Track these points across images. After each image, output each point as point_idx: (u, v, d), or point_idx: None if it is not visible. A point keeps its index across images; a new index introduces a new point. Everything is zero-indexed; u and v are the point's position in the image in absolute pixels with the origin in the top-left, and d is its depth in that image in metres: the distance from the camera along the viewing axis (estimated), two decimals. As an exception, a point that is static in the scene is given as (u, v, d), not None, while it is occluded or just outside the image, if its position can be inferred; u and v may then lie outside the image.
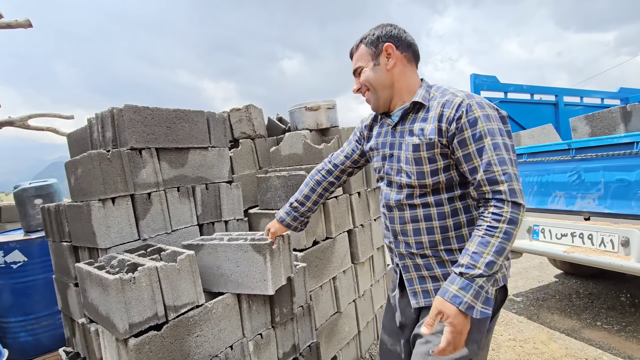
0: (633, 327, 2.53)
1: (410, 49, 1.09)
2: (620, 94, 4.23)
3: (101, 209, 1.53)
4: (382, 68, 1.07)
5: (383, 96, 1.09)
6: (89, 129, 1.89)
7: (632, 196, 2.08)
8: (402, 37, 1.07)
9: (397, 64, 1.07)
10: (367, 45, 1.09)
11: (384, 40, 1.06)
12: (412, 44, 1.09)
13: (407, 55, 1.08)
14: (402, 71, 1.07)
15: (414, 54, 1.10)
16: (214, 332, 1.39)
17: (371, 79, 1.08)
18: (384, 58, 1.06)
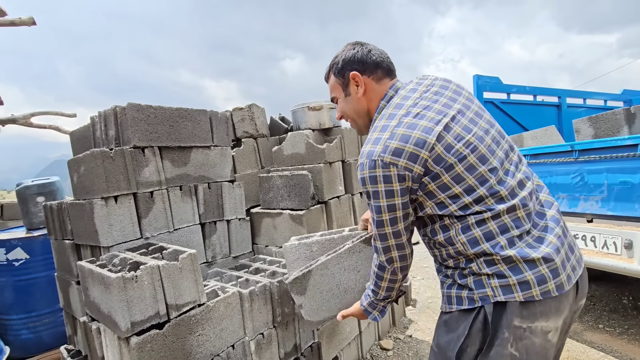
0: (635, 329, 2.52)
1: (379, 68, 1.04)
2: (623, 95, 4.21)
3: (104, 207, 1.54)
4: (353, 97, 1.06)
5: (361, 123, 1.10)
6: (91, 127, 1.89)
7: (636, 198, 2.07)
8: (366, 59, 1.03)
9: (367, 89, 1.04)
10: (335, 76, 1.08)
11: (349, 69, 1.04)
12: (380, 62, 1.04)
13: (376, 75, 1.04)
14: (374, 94, 1.05)
15: (384, 71, 1.05)
16: (215, 331, 1.39)
17: (347, 110, 1.10)
18: (354, 87, 1.05)
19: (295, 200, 2.05)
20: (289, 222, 2.02)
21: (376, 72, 1.04)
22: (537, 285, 0.85)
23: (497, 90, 3.32)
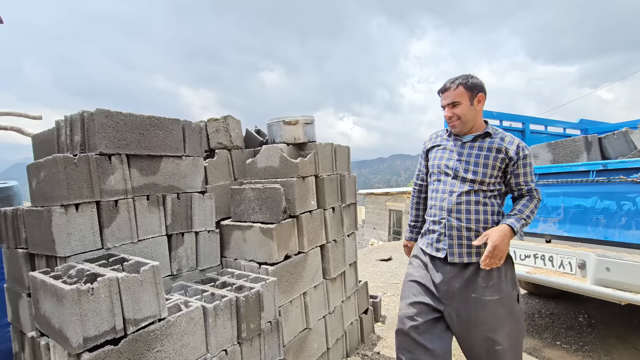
0: (589, 346, 2.65)
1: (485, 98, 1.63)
2: (580, 124, 4.53)
3: (63, 215, 1.47)
4: (474, 108, 1.59)
5: (469, 126, 1.61)
6: (56, 132, 1.82)
7: (588, 221, 2.21)
8: (485, 91, 1.60)
9: (480, 108, 1.60)
10: (466, 88, 1.57)
11: (479, 90, 1.58)
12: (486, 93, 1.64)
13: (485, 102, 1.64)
14: (481, 113, 1.62)
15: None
16: (175, 347, 1.34)
17: (467, 114, 1.58)
18: (477, 102, 1.58)
19: (266, 213, 2.04)
20: (259, 235, 2.00)
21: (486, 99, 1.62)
22: None
23: (466, 114, 3.48)
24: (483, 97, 1.59)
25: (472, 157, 1.58)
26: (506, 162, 1.56)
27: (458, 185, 1.58)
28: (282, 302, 1.96)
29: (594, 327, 2.96)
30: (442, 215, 1.60)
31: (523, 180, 1.58)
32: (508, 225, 1.46)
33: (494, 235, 1.42)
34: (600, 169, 2.14)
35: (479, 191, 1.57)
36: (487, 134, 1.61)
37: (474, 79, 1.58)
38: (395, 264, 5.56)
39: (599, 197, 2.15)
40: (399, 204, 13.63)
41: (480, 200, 1.57)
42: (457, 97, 1.57)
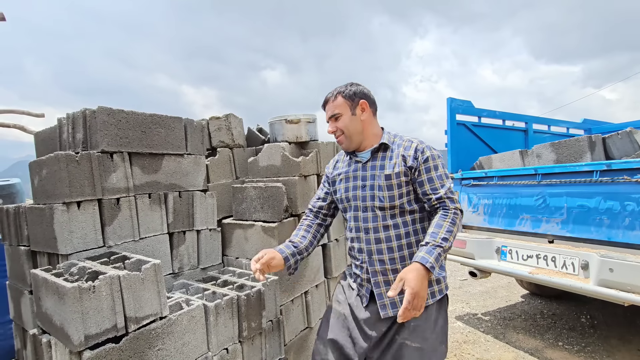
0: (591, 347, 2.63)
1: (374, 106, 1.42)
2: (584, 124, 4.50)
3: (65, 212, 1.47)
4: (357, 118, 1.36)
5: (356, 140, 1.37)
6: (58, 129, 1.82)
7: (592, 222, 2.19)
8: (370, 96, 1.40)
9: (368, 116, 1.38)
10: (345, 98, 1.36)
11: (360, 97, 1.36)
12: (375, 102, 1.43)
13: (373, 110, 1.41)
14: (370, 122, 1.39)
15: (376, 110, 1.43)
16: (176, 345, 1.34)
17: (349, 126, 1.36)
18: (359, 110, 1.36)
19: (268, 212, 2.04)
20: (260, 234, 2.00)
21: (373, 107, 1.41)
22: None
23: (469, 114, 3.47)
24: (367, 105, 1.36)
25: (376, 180, 1.32)
26: (409, 173, 1.31)
27: (370, 218, 1.32)
28: (284, 301, 1.96)
29: (596, 328, 2.95)
30: (362, 258, 1.36)
31: (429, 189, 1.28)
32: (418, 263, 1.14)
33: (411, 280, 1.10)
34: (604, 169, 2.12)
35: (396, 219, 1.31)
36: (383, 146, 1.36)
37: (353, 87, 1.37)
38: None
39: (603, 198, 2.14)
40: (400, 203, 13.59)
41: (401, 232, 1.31)
42: (336, 109, 1.35)
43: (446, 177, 1.31)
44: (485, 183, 2.88)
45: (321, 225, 1.53)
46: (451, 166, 3.28)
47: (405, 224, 1.32)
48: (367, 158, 1.37)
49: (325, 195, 1.52)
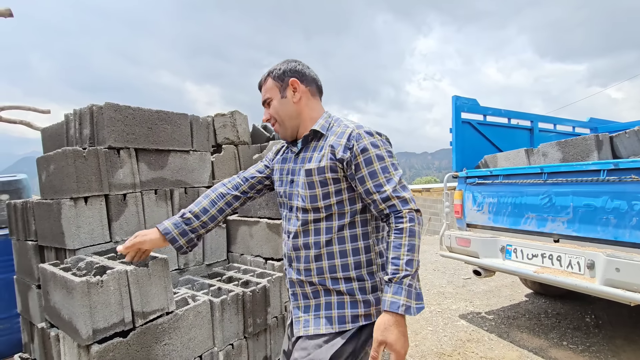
0: (596, 347, 2.62)
1: (314, 83, 1.18)
2: (590, 123, 4.46)
3: (72, 208, 1.48)
4: (289, 101, 1.13)
5: (290, 126, 1.15)
6: (65, 125, 1.83)
7: (598, 221, 2.18)
8: (305, 72, 1.15)
9: (302, 97, 1.14)
10: (274, 79, 1.14)
11: (289, 75, 1.13)
12: (315, 79, 1.19)
13: (311, 89, 1.17)
14: (306, 103, 1.15)
15: (317, 88, 1.19)
16: (183, 340, 1.34)
17: (279, 111, 1.14)
18: (290, 91, 1.13)
19: (273, 208, 2.04)
20: (265, 230, 2.00)
21: (312, 85, 1.17)
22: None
23: (474, 112, 3.45)
24: (298, 83, 1.12)
25: (302, 175, 1.08)
26: (340, 168, 1.03)
27: (293, 219, 1.10)
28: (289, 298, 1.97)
29: (601, 328, 2.93)
30: (286, 264, 1.16)
31: (372, 186, 1.00)
32: (389, 312, 0.91)
33: (394, 343, 0.90)
34: (611, 168, 2.10)
35: (319, 223, 1.06)
36: (315, 134, 1.11)
37: (284, 65, 1.14)
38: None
39: (610, 197, 2.12)
40: (403, 201, 13.57)
41: (321, 240, 1.05)
42: (267, 93, 1.15)
43: (394, 168, 1.03)
44: (490, 182, 2.87)
45: (237, 199, 1.24)
46: (456, 164, 3.27)
47: (329, 230, 1.05)
48: (300, 148, 1.14)
49: (263, 169, 1.27)
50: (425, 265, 5.20)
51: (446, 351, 2.62)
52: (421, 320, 3.19)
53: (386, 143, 1.07)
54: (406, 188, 1.03)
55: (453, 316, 3.27)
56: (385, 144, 1.06)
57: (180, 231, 1.14)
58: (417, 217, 0.99)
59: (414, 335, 2.88)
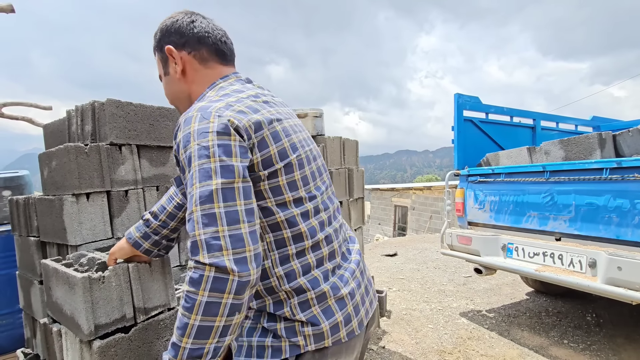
0: (597, 346, 2.62)
1: (203, 45, 0.83)
2: (592, 122, 4.45)
3: (74, 204, 1.48)
4: (172, 78, 0.86)
5: (182, 110, 0.88)
6: (67, 121, 1.83)
7: (600, 220, 2.17)
8: (186, 31, 0.82)
9: (187, 68, 0.84)
10: (155, 50, 0.89)
11: (165, 42, 0.84)
12: (205, 37, 0.83)
13: (199, 53, 0.83)
14: (193, 78, 0.84)
15: (211, 50, 0.84)
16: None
17: (168, 94, 0.90)
18: (172, 64, 0.85)
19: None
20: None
21: (199, 49, 0.83)
22: (344, 326, 0.78)
23: (477, 110, 3.44)
24: (173, 51, 0.83)
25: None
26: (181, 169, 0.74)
27: None
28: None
29: (602, 327, 2.93)
30: None
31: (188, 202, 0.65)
32: None
33: None
34: (614, 167, 2.10)
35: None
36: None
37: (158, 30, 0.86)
38: (401, 259, 5.56)
39: (612, 196, 2.11)
40: (404, 199, 13.59)
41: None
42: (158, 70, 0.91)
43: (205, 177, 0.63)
44: (492, 180, 2.86)
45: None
46: (457, 162, 3.26)
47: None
48: None
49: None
50: (426, 263, 5.21)
51: (447, 349, 2.63)
52: (422, 317, 3.20)
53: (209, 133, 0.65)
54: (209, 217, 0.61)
55: (454, 314, 3.28)
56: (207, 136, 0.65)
57: (142, 234, 1.01)
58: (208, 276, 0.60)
59: (415, 333, 2.89)
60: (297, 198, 0.77)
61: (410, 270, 4.82)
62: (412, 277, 4.48)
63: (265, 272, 0.76)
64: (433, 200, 11.88)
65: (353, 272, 0.87)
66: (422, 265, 5.09)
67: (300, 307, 0.75)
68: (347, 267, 0.86)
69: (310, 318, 0.75)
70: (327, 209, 0.85)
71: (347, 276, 0.84)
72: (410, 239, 7.85)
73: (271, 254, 0.76)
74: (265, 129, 0.73)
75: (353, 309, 0.81)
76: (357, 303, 0.83)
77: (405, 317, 3.19)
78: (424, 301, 3.62)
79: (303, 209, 0.78)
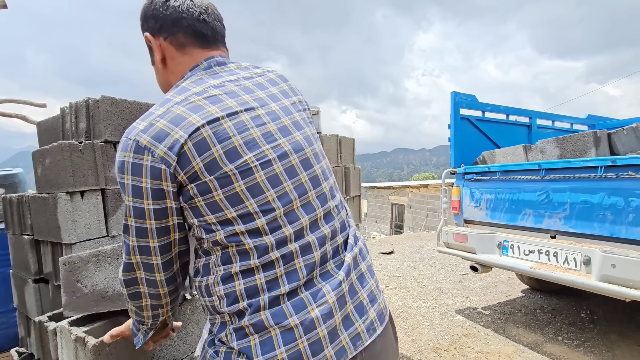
0: (591, 342, 2.65)
1: (177, 29, 0.73)
2: (588, 120, 4.47)
3: (68, 202, 1.47)
4: (157, 67, 0.79)
5: None
6: (61, 119, 1.81)
7: (595, 217, 2.19)
8: (160, 14, 0.73)
9: (167, 56, 0.75)
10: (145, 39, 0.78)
11: (144, 29, 0.76)
12: (179, 18, 0.72)
13: (175, 39, 0.74)
14: (173, 66, 0.76)
15: (187, 33, 0.74)
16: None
17: (159, 85, 0.81)
18: (157, 55, 0.76)
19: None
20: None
21: (175, 33, 0.73)
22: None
23: (473, 108, 3.44)
24: (150, 38, 0.75)
25: None
26: None
27: None
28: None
29: (596, 324, 2.96)
30: None
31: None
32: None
33: None
34: (609, 165, 2.11)
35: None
36: None
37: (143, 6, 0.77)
38: (397, 257, 5.58)
39: (607, 193, 2.13)
40: (401, 197, 13.63)
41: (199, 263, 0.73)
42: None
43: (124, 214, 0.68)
44: (488, 178, 2.87)
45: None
46: (454, 161, 3.27)
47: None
48: None
49: None
50: (423, 260, 5.23)
51: (442, 346, 2.64)
52: (418, 315, 3.21)
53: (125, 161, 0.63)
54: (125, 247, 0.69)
55: (450, 311, 3.29)
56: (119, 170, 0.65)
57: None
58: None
59: (411, 330, 2.90)
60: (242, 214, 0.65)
61: (406, 268, 4.84)
62: (409, 274, 4.50)
63: (208, 288, 0.69)
64: (430, 199, 11.93)
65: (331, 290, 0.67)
66: (418, 263, 5.11)
67: (236, 334, 0.65)
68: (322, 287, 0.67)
69: (243, 348, 0.64)
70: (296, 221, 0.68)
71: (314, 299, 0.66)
72: (407, 237, 7.88)
73: (217, 269, 0.68)
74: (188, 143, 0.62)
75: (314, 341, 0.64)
76: (334, 328, 0.66)
77: (402, 315, 3.20)
78: (420, 299, 3.64)
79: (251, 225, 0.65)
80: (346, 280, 0.70)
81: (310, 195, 0.71)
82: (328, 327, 0.65)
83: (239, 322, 0.65)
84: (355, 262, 0.75)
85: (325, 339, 0.64)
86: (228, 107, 0.66)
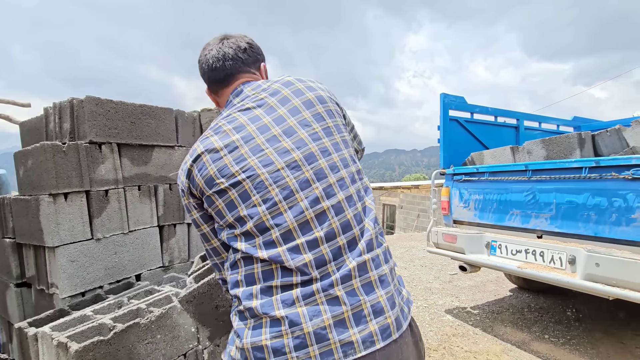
0: (576, 340, 2.69)
1: (206, 79, 0.89)
2: (573, 122, 4.56)
3: (51, 204, 1.44)
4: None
5: None
6: (44, 119, 1.77)
7: (580, 217, 2.23)
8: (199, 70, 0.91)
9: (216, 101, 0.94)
10: None
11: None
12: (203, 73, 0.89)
13: (210, 87, 0.91)
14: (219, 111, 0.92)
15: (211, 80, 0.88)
16: (166, 339, 1.32)
17: None
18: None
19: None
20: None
21: (210, 85, 0.90)
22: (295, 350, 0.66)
23: (462, 109, 3.48)
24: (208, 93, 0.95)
25: None
26: None
27: None
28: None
29: (581, 322, 3.02)
30: None
31: None
32: None
33: None
34: (593, 166, 2.15)
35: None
36: None
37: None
38: (388, 257, 5.60)
39: (591, 194, 2.17)
40: (392, 198, 13.70)
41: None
42: None
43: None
44: (477, 179, 2.90)
45: None
46: (443, 161, 3.30)
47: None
48: None
49: None
50: (413, 261, 5.26)
51: (432, 345, 2.66)
52: (408, 315, 3.23)
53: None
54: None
55: (439, 311, 3.32)
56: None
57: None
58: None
59: (401, 331, 2.92)
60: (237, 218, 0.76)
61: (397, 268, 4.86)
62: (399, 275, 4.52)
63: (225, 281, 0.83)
64: (421, 199, 12.01)
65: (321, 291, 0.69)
66: (409, 263, 5.13)
67: (238, 316, 0.75)
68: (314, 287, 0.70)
69: (238, 329, 0.73)
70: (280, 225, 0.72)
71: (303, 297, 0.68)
72: (398, 237, 7.92)
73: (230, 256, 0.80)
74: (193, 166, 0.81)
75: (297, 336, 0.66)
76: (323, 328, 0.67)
77: (392, 315, 3.22)
78: (411, 299, 3.66)
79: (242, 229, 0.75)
80: (341, 284, 0.70)
81: (297, 197, 0.73)
82: (314, 325, 0.66)
83: (239, 306, 0.73)
84: (363, 268, 0.73)
85: (309, 336, 0.66)
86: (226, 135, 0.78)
